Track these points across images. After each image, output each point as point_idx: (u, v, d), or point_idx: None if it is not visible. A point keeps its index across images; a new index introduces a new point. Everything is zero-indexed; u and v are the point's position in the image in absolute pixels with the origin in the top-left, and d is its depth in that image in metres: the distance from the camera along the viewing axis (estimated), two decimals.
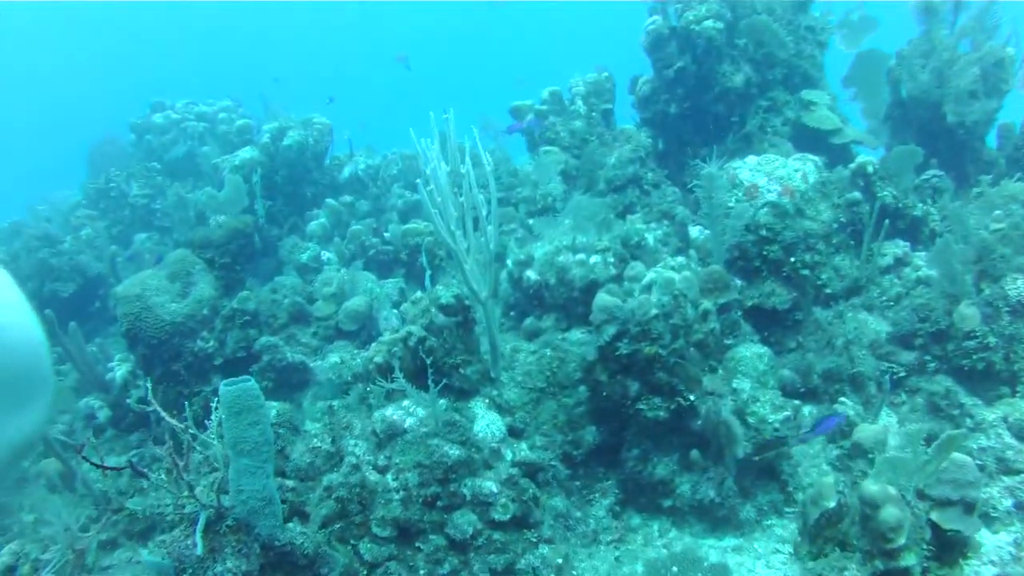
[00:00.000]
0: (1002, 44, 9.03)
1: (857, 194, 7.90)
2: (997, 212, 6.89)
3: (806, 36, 9.66)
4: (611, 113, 10.03)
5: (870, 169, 8.00)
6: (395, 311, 8.26)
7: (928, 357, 6.79)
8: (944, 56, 8.83)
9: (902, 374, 6.86)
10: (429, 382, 5.27)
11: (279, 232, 10.63)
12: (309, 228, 10.09)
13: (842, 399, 6.62)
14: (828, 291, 7.15)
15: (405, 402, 5.55)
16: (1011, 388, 6.57)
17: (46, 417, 1.16)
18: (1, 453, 1.04)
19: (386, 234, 9.17)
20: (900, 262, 7.84)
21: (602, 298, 5.72)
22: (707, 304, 6.00)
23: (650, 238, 7.29)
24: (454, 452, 5.21)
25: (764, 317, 6.95)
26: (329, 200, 10.54)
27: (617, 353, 5.65)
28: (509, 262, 7.27)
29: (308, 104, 12.60)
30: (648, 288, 5.85)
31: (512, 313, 7.38)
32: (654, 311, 5.59)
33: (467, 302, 5.74)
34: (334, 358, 7.33)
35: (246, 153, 10.68)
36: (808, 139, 9.27)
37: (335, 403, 5.95)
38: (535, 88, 10.25)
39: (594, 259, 6.75)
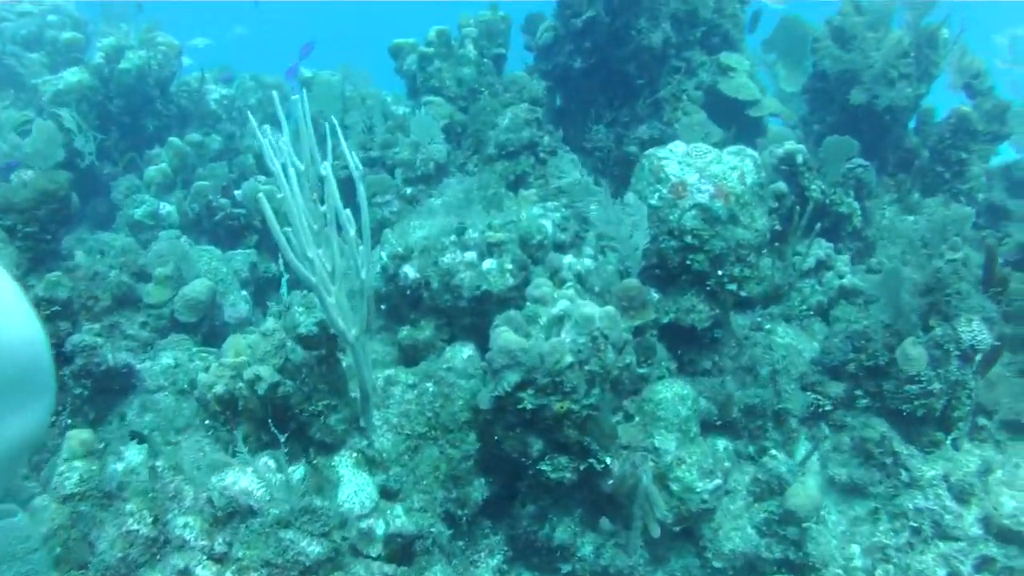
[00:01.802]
0: (938, 24, 8.03)
1: (783, 185, 6.80)
2: (954, 239, 5.87)
3: None
4: (504, 59, 8.65)
5: (799, 159, 6.89)
6: (244, 293, 6.81)
7: (860, 392, 5.78)
8: (873, 34, 7.75)
9: (828, 407, 5.85)
10: (282, 443, 3.97)
11: (113, 170, 8.94)
12: (147, 174, 8.39)
13: (773, 452, 5.57)
14: (744, 294, 6.03)
15: (253, 466, 4.21)
16: (945, 432, 5.66)
17: (48, 417, 1.05)
18: (2, 453, 0.91)
19: (237, 192, 7.59)
20: (822, 265, 6.82)
21: (504, 338, 4.42)
22: (625, 335, 4.80)
23: (548, 226, 6.03)
24: (314, 549, 3.93)
25: (680, 335, 5.81)
26: (173, 139, 8.87)
27: (520, 407, 4.38)
28: (383, 254, 5.89)
29: None
30: (559, 322, 4.60)
31: (383, 307, 6.02)
32: (568, 359, 4.34)
33: (333, 330, 4.37)
34: (167, 359, 5.84)
35: (73, 76, 8.87)
36: (723, 107, 8.12)
37: (159, 463, 4.52)
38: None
39: (488, 264, 5.46)
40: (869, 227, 7.59)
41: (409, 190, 6.97)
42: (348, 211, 4.17)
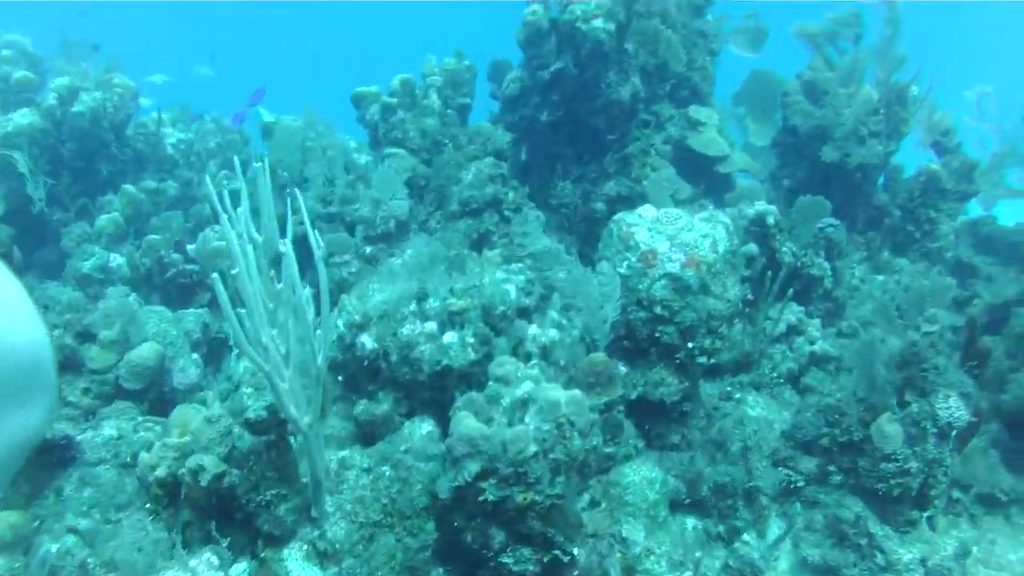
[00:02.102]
0: (908, 81, 7.93)
1: (754, 247, 6.61)
2: (930, 311, 5.69)
3: (698, 43, 8.30)
4: (469, 109, 8.42)
5: (771, 220, 6.71)
6: (195, 356, 6.50)
7: (833, 468, 5.57)
8: (844, 90, 7.61)
9: (800, 483, 5.63)
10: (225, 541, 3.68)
11: (64, 216, 8.61)
12: (98, 223, 8.06)
13: (745, 536, 5.34)
14: (714, 361, 5.81)
15: (194, 562, 3.91)
16: (921, 510, 5.45)
17: (48, 416, 1.06)
18: (3, 451, 0.94)
19: (190, 247, 7.27)
20: (793, 330, 6.63)
21: (465, 424, 4.15)
22: (592, 416, 4.55)
23: (512, 291, 5.79)
24: None
25: (648, 409, 5.58)
26: (127, 186, 8.55)
27: (481, 498, 4.11)
28: (340, 323, 5.62)
29: None
30: (523, 405, 4.34)
31: (340, 377, 5.74)
32: (532, 448, 4.08)
33: (285, 416, 4.08)
34: (110, 430, 5.50)
35: (23, 118, 8.53)
36: (691, 163, 7.95)
37: (91, 559, 4.21)
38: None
39: (449, 337, 5.21)
40: (839, 287, 7.42)
41: (369, 249, 6.70)
42: (308, 290, 3.90)
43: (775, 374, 6.36)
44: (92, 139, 8.82)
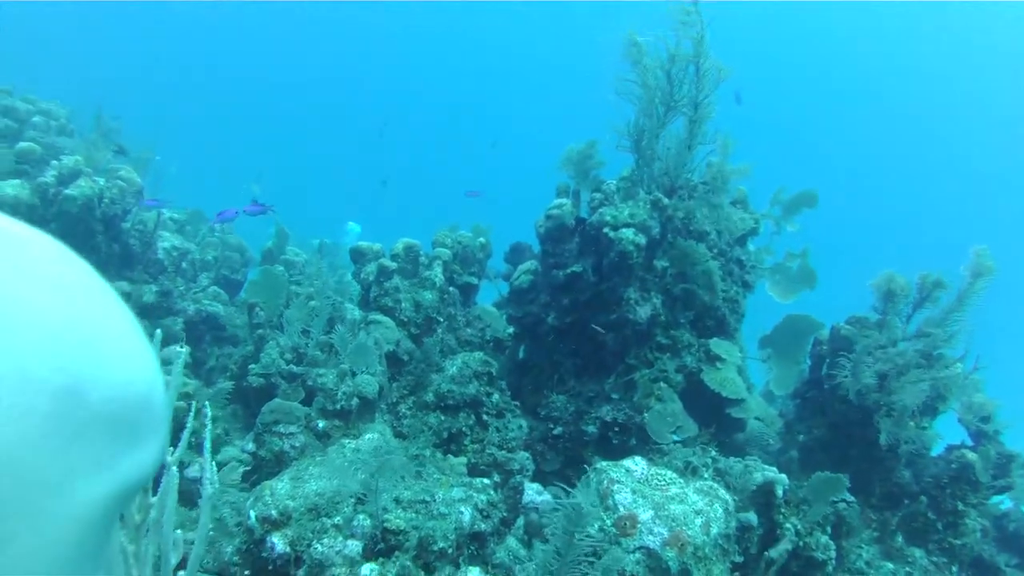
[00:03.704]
0: (955, 359, 7.06)
1: (753, 517, 5.64)
2: None
3: (733, 271, 7.50)
4: (474, 290, 7.61)
5: (779, 492, 5.75)
6: None
7: None
8: (896, 361, 6.74)
9: None
10: None
11: None
12: None
13: None
14: None
15: None
16: None
17: (161, 455, 0.91)
18: (117, 491, 0.81)
19: None
20: None
21: None
22: None
23: (467, 515, 4.86)
24: None
25: None
26: None
27: None
28: (252, 512, 4.67)
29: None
30: None
31: None
32: None
33: None
34: None
35: (10, 188, 7.84)
36: (703, 399, 7.04)
37: None
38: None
39: (368, 570, 4.24)
40: (841, 570, 6.40)
41: (322, 424, 5.78)
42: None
43: None
44: (80, 226, 8.06)
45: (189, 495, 6.06)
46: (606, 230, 6.44)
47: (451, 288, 7.13)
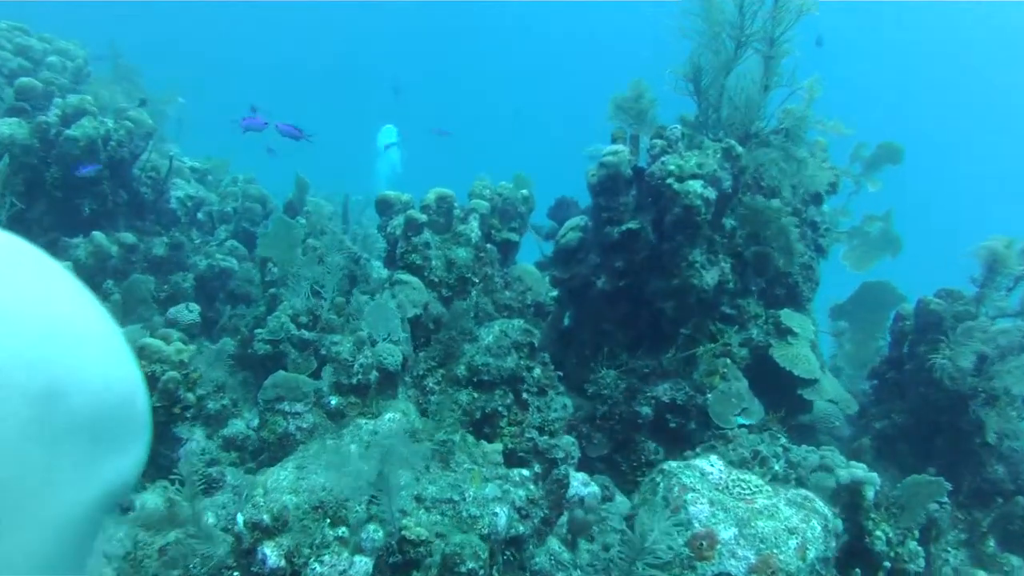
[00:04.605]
0: None
1: (838, 524, 4.59)
2: None
3: (805, 233, 6.39)
4: (515, 248, 6.56)
5: (869, 494, 4.71)
6: None
7: None
8: (998, 341, 5.64)
9: None
10: None
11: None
12: None
13: None
14: None
15: None
16: None
17: (144, 459, 0.99)
18: (99, 496, 0.84)
19: None
20: None
21: None
22: None
23: (502, 518, 3.88)
24: None
25: None
26: (96, 233, 6.80)
27: None
28: (240, 516, 3.69)
29: None
30: None
31: None
32: None
33: None
34: None
35: (6, 128, 6.87)
36: (770, 377, 5.97)
37: None
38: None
39: None
40: None
41: (335, 401, 4.77)
42: None
43: None
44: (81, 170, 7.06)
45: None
46: (670, 181, 5.36)
47: (488, 245, 6.07)
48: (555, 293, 6.34)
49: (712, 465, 3.82)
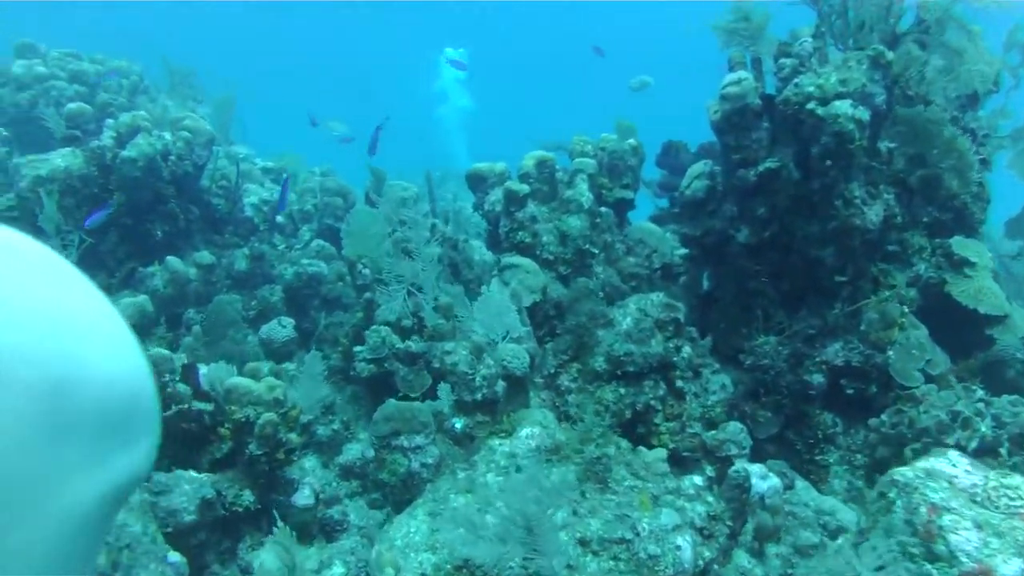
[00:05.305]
0: None
1: None
2: None
3: None
4: (629, 206, 5.61)
5: None
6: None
7: None
8: None
9: None
10: None
11: (107, 282, 6.22)
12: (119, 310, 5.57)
13: None
14: None
15: None
16: None
17: (153, 454, 0.85)
18: (108, 491, 0.74)
19: (204, 371, 4.55)
20: None
21: None
22: None
23: (687, 549, 3.03)
24: None
25: None
26: (171, 259, 6.08)
27: None
28: None
29: None
30: None
31: None
32: None
33: None
34: None
35: (61, 159, 6.19)
36: (947, 320, 4.94)
37: None
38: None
39: None
40: None
41: (459, 424, 3.93)
42: None
43: None
44: (145, 191, 6.35)
45: (304, 527, 4.37)
46: (811, 106, 4.37)
47: (602, 208, 5.14)
48: (681, 251, 5.41)
49: (955, 465, 2.87)
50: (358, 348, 4.61)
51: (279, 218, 7.67)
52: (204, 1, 35.27)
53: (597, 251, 5.01)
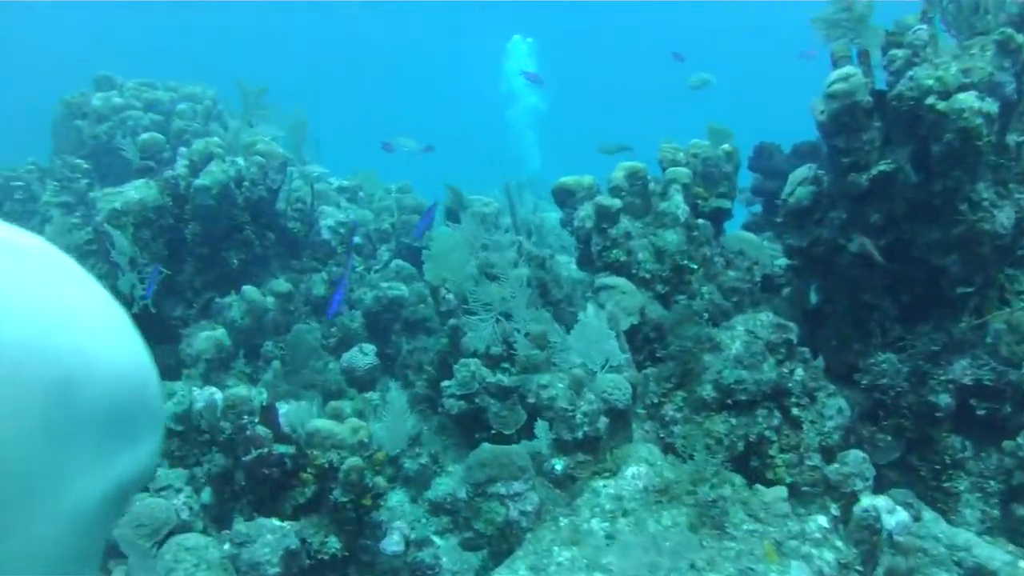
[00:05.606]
0: None
1: None
2: None
3: None
4: (726, 215, 5.22)
5: None
6: None
7: None
8: None
9: None
10: None
11: (185, 313, 6.06)
12: (196, 344, 5.35)
13: None
14: None
15: None
16: None
17: (158, 451, 0.85)
18: (114, 489, 0.74)
19: (284, 411, 4.27)
20: None
21: None
22: None
23: None
24: None
25: None
26: (248, 288, 5.86)
27: None
28: None
29: None
30: None
31: None
32: None
33: None
34: None
35: (135, 191, 6.03)
36: None
37: None
38: None
39: None
40: None
41: (560, 466, 3.60)
42: None
43: None
44: (221, 219, 6.16)
45: (394, 575, 4.10)
46: (930, 101, 3.93)
47: (699, 220, 4.76)
48: (783, 262, 5.00)
49: None
50: (446, 383, 4.31)
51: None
52: (267, 6, 35.59)
53: (696, 266, 4.63)
